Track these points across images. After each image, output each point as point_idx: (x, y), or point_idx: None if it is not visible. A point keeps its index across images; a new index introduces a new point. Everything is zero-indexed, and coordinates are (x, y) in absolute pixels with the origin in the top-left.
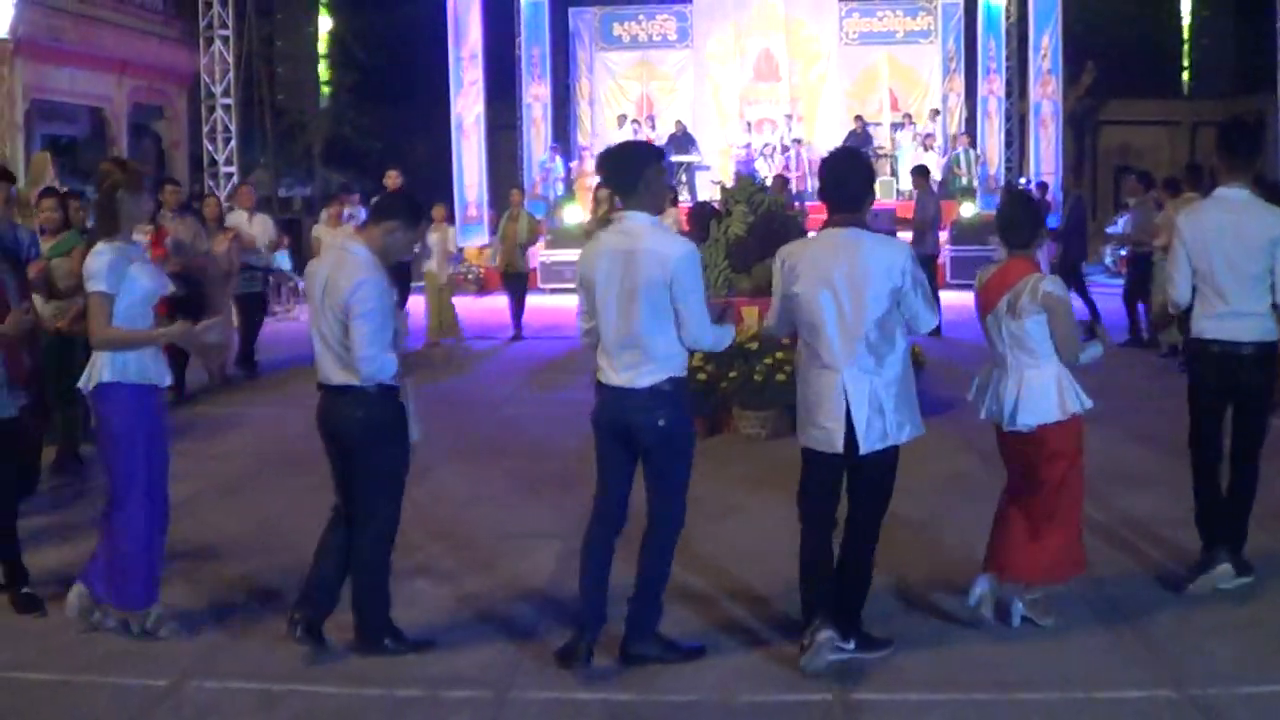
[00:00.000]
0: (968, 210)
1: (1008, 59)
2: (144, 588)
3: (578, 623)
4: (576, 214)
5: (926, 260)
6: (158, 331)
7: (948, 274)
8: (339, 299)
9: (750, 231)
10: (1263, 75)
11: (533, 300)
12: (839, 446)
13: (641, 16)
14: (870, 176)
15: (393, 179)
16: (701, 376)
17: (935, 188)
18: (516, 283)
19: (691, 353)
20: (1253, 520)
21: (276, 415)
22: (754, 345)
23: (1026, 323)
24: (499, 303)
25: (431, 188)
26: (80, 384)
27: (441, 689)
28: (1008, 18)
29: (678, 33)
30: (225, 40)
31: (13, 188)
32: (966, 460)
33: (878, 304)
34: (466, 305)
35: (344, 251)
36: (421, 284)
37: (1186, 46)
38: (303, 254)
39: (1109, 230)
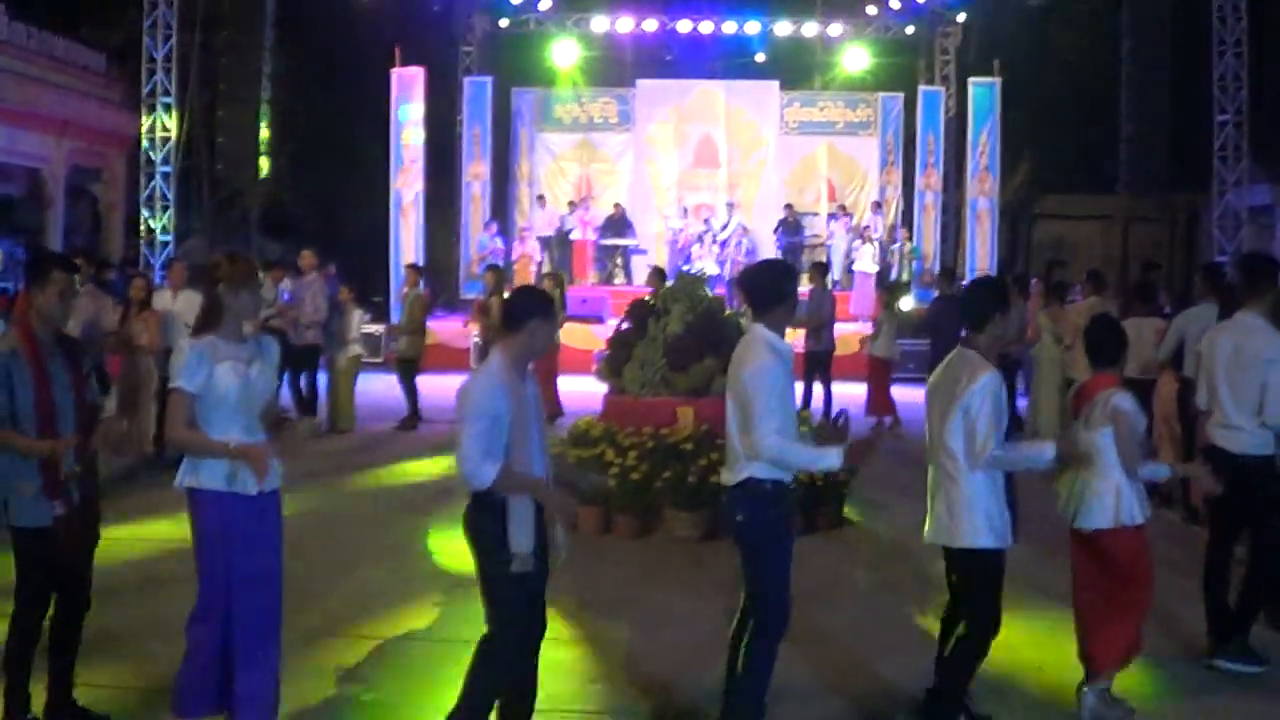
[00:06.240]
0: (906, 304)
1: (946, 154)
2: (194, 699)
3: None
4: None
5: (823, 356)
6: (225, 445)
7: None
8: None
9: (689, 330)
10: (1196, 172)
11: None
12: None
13: (584, 99)
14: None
15: (307, 259)
16: (635, 476)
17: (832, 285)
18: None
19: (626, 451)
20: None
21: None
22: (689, 446)
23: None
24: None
25: (369, 262)
26: (176, 483)
27: None
28: (947, 112)
29: (619, 115)
30: (167, 108)
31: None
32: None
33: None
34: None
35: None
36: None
37: (1121, 143)
38: None
39: None
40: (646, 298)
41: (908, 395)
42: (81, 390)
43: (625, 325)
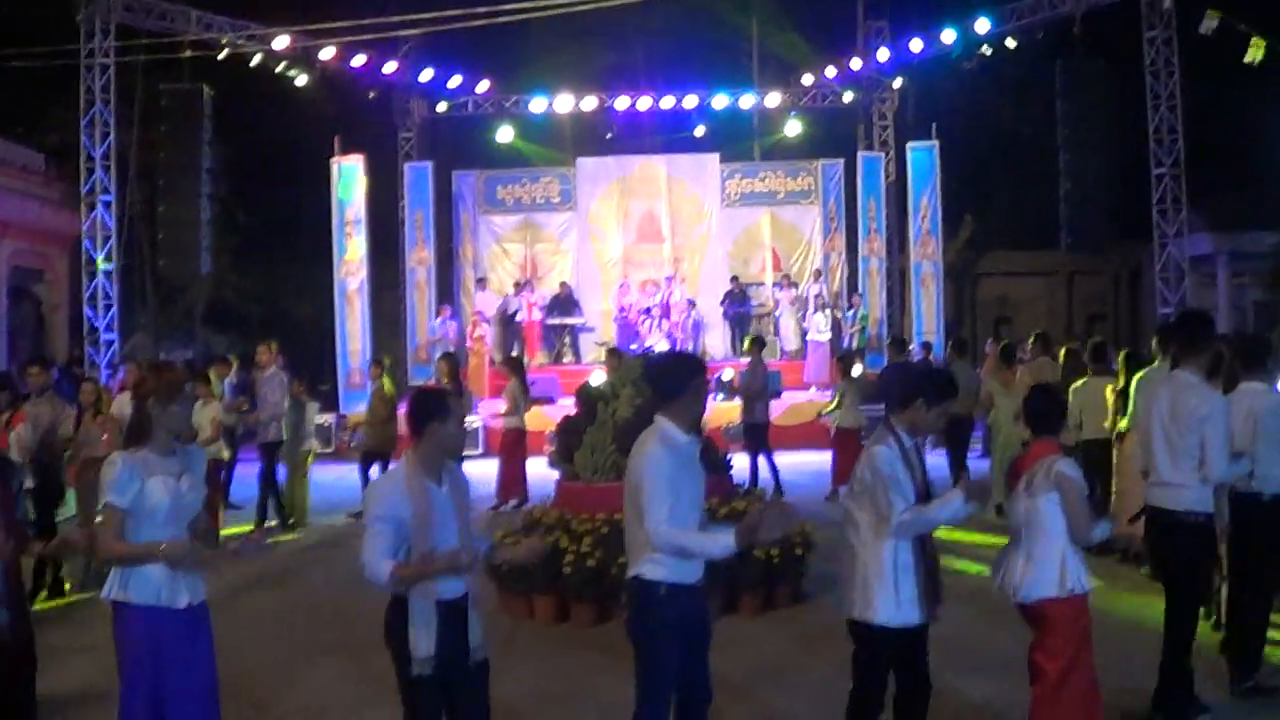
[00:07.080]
0: (856, 371)
1: (888, 218)
2: None
3: None
4: None
5: (758, 428)
6: (155, 546)
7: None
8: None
9: (638, 414)
10: (1136, 224)
11: None
12: None
13: (525, 179)
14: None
15: (265, 354)
16: (590, 563)
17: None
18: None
19: (580, 538)
20: None
21: None
22: None
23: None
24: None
25: (315, 352)
26: (103, 594)
27: None
28: (887, 177)
29: (561, 195)
30: (107, 205)
31: None
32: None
33: None
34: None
35: None
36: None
37: (1061, 199)
38: None
39: None
40: (592, 379)
41: None
42: (10, 510)
43: (574, 411)
